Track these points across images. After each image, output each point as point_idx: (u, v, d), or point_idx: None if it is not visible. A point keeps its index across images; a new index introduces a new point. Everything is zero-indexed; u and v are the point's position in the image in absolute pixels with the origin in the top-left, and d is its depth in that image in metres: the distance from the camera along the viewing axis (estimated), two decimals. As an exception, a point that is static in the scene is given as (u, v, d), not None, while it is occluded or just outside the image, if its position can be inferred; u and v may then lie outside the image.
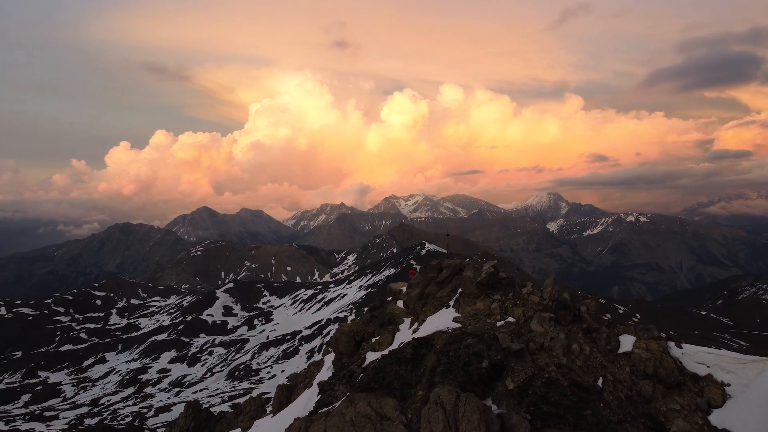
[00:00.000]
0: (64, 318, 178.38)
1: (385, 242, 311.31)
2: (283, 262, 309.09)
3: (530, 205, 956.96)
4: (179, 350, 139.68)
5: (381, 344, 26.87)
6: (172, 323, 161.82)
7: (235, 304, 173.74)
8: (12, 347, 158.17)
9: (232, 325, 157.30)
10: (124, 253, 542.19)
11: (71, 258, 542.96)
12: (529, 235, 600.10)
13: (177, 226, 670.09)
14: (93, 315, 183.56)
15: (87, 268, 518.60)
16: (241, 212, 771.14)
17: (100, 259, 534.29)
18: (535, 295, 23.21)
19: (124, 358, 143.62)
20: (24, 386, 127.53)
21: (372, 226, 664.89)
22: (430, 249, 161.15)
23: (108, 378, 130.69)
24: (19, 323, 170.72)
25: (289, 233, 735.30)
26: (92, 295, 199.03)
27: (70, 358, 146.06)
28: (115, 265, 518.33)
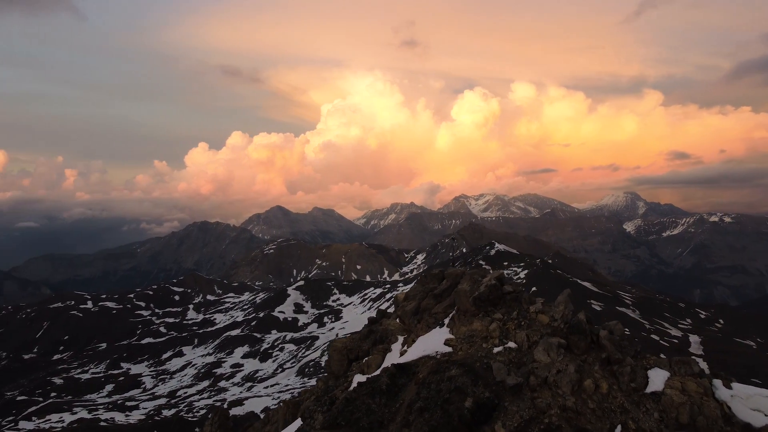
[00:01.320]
0: (145, 312, 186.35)
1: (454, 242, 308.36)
2: (353, 260, 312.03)
3: (606, 205, 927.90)
4: (252, 346, 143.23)
5: (369, 366, 23.56)
6: (245, 319, 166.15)
7: (306, 302, 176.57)
8: (98, 339, 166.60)
9: (302, 322, 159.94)
10: (202, 250, 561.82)
11: (153, 255, 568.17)
12: (605, 236, 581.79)
13: (252, 225, 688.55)
14: (171, 310, 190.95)
15: (167, 265, 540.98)
16: (313, 211, 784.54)
17: (180, 256, 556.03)
18: (545, 314, 19.79)
19: (200, 352, 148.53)
20: (108, 377, 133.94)
21: (441, 226, 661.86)
22: (500, 249, 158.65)
23: (185, 371, 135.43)
24: (104, 316, 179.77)
25: (359, 232, 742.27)
26: (171, 291, 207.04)
27: (150, 350, 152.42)
28: (194, 261, 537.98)
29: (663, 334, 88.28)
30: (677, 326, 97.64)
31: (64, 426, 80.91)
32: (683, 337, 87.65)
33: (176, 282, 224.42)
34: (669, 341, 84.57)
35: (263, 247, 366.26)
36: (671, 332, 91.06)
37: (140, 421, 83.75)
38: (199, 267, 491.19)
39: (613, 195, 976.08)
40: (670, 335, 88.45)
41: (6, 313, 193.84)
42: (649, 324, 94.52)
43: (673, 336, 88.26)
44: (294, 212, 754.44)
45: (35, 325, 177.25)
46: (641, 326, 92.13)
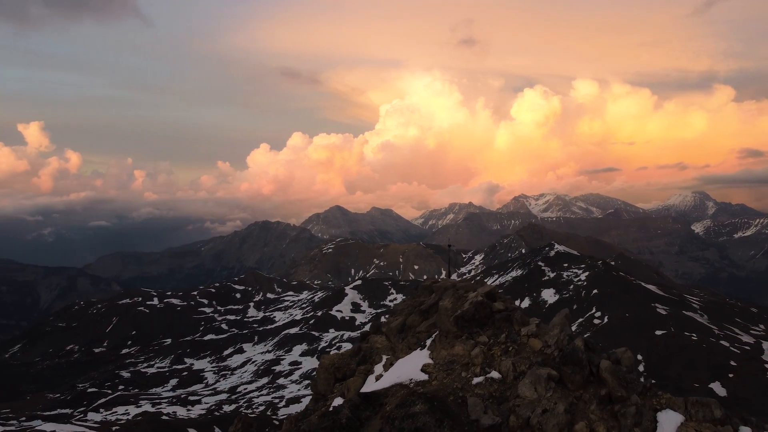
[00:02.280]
0: (208, 309, 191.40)
1: (513, 242, 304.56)
2: (411, 260, 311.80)
3: (672, 205, 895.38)
4: (310, 344, 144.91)
5: (349, 389, 21.30)
6: (304, 317, 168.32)
7: (363, 301, 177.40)
8: (163, 335, 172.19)
9: (359, 321, 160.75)
10: (263, 249, 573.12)
11: (216, 253, 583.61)
12: (671, 237, 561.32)
13: (311, 224, 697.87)
14: (233, 307, 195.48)
15: (230, 263, 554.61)
16: (371, 211, 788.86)
17: (242, 254, 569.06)
18: (538, 339, 17.17)
19: (260, 349, 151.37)
20: (172, 371, 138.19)
21: (500, 226, 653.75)
22: (560, 250, 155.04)
23: (245, 368, 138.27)
24: (169, 313, 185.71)
25: (417, 232, 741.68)
26: (232, 289, 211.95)
27: (212, 347, 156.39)
28: (255, 260, 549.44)
29: (733, 341, 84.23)
30: (749, 332, 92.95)
31: (128, 418, 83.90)
32: (755, 344, 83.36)
33: (237, 280, 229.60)
34: (740, 348, 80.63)
35: (322, 247, 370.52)
36: (742, 338, 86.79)
37: (201, 415, 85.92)
38: (261, 265, 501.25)
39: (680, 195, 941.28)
40: (741, 341, 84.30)
41: (78, 308, 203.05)
42: (719, 329, 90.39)
43: (745, 342, 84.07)
44: (352, 212, 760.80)
45: (105, 320, 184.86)
46: (710, 331, 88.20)
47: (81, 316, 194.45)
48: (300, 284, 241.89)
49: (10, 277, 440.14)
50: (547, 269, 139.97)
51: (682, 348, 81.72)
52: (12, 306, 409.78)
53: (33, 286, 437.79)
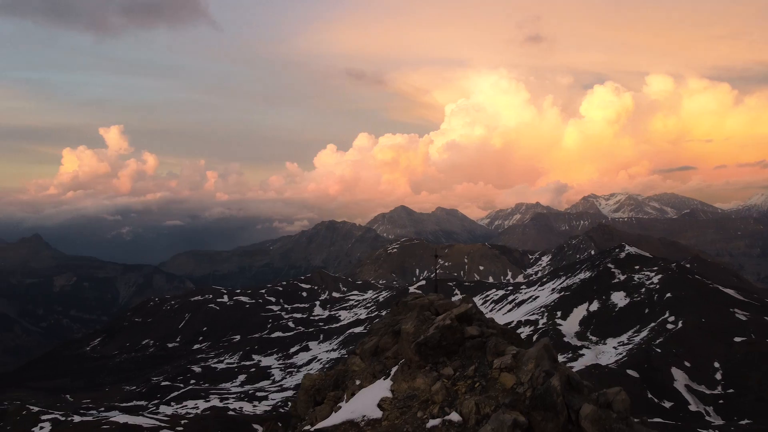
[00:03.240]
0: (275, 307, 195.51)
1: (582, 243, 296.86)
2: (476, 261, 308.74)
3: (754, 205, 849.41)
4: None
5: (316, 419, 19.45)
6: (368, 317, 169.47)
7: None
8: (232, 331, 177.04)
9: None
10: (329, 248, 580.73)
11: (284, 252, 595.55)
12: (752, 239, 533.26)
13: (377, 224, 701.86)
14: (299, 306, 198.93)
15: (297, 262, 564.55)
16: (436, 211, 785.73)
17: (309, 253, 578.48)
18: (512, 374, 14.69)
19: (325, 347, 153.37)
20: (240, 367, 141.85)
21: (569, 227, 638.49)
22: (631, 252, 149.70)
23: (311, 365, 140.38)
24: (238, 310, 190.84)
25: (482, 232, 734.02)
26: (299, 287, 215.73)
27: (279, 344, 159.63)
28: (321, 259, 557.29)
29: (820, 350, 79.24)
30: None
31: (197, 412, 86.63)
32: None
33: (304, 279, 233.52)
34: (828, 358, 75.77)
35: (387, 246, 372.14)
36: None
37: (266, 411, 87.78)
38: (327, 264, 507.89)
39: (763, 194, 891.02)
40: (829, 351, 79.18)
41: (153, 304, 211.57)
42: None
43: (833, 352, 78.93)
44: (418, 212, 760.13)
45: (178, 317, 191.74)
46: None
47: (156, 312, 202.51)
48: (365, 283, 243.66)
49: (92, 274, 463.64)
50: (617, 271, 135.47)
51: (763, 356, 77.55)
52: (93, 301, 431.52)
53: (112, 282, 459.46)
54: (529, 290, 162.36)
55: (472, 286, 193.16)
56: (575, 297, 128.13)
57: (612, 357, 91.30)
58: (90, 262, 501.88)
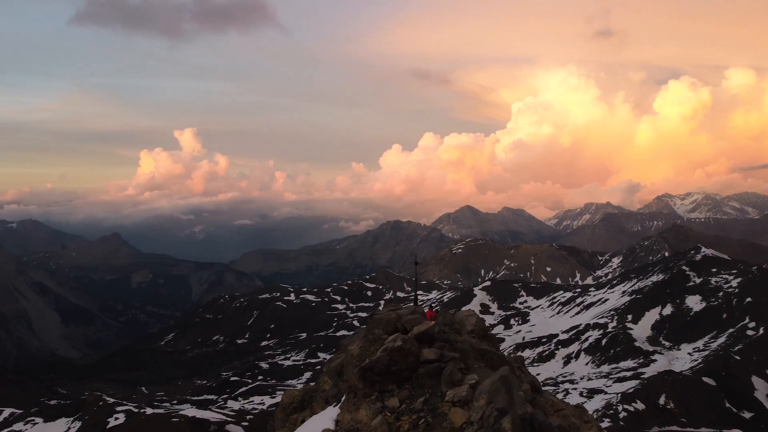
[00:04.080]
0: (341, 306, 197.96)
1: (655, 244, 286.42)
2: (543, 262, 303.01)
3: None
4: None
5: None
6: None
7: (492, 303, 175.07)
8: (299, 329, 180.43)
9: (488, 323, 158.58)
10: (394, 248, 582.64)
11: (350, 252, 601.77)
12: None
13: (442, 224, 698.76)
14: (364, 305, 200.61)
15: (363, 261, 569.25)
16: (502, 211, 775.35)
17: (374, 253, 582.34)
18: (464, 409, 12.92)
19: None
20: (306, 364, 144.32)
21: (641, 227, 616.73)
22: (707, 254, 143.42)
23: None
24: (305, 308, 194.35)
25: (550, 233, 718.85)
26: (364, 287, 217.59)
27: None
28: (387, 259, 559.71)
29: None
30: None
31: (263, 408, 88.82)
32: None
33: (369, 278, 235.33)
34: None
35: (452, 247, 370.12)
36: None
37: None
38: (392, 264, 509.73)
39: None
40: None
41: (224, 301, 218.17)
42: None
43: None
44: (483, 212, 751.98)
45: (247, 314, 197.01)
46: None
47: (226, 309, 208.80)
48: (429, 284, 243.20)
49: (167, 271, 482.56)
50: (693, 274, 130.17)
51: None
52: (168, 297, 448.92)
53: (185, 279, 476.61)
54: (599, 293, 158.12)
55: (538, 287, 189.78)
56: (647, 300, 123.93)
57: (686, 363, 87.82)
58: (165, 259, 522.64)
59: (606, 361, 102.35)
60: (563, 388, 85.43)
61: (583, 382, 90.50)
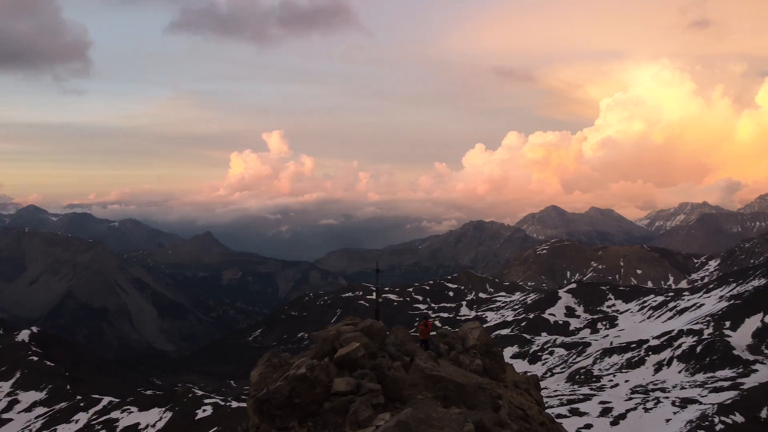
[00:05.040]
0: (422, 306, 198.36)
1: (756, 247, 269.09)
2: (633, 264, 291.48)
3: None
4: (521, 346, 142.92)
5: None
6: (515, 319, 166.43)
7: (578, 306, 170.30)
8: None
9: (573, 326, 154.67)
10: (477, 248, 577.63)
11: (432, 252, 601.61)
12: None
13: (526, 224, 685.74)
14: (446, 305, 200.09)
15: (445, 262, 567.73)
16: (590, 211, 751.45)
17: (456, 253, 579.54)
18: None
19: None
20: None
21: (741, 228, 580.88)
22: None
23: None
24: (386, 308, 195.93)
25: (641, 234, 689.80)
26: (445, 287, 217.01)
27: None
28: (469, 259, 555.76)
29: None
30: None
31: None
32: None
33: (451, 279, 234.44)
34: None
35: (536, 247, 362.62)
36: None
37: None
38: (475, 265, 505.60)
39: None
40: None
41: (308, 299, 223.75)
42: None
43: None
44: (569, 212, 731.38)
45: (330, 311, 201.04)
46: None
47: (310, 306, 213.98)
48: (512, 285, 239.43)
49: (255, 269, 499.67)
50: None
51: None
52: (256, 294, 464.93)
53: (273, 277, 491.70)
54: (693, 297, 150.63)
55: (627, 290, 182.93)
56: (748, 306, 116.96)
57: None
58: (253, 258, 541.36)
59: (701, 370, 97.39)
60: (653, 397, 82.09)
61: (675, 390, 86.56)
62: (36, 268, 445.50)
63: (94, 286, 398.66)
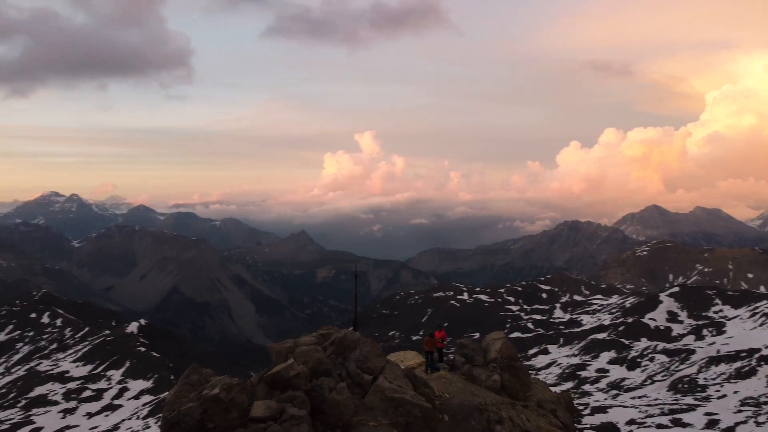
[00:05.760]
0: (514, 307, 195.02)
1: None
2: (743, 267, 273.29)
3: None
4: (618, 352, 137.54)
5: None
6: (612, 323, 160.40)
7: (681, 311, 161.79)
8: (471, 329, 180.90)
9: (676, 332, 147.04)
10: (572, 249, 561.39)
11: (525, 252, 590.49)
12: None
13: (625, 225, 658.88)
14: (538, 307, 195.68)
15: (538, 262, 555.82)
16: (695, 211, 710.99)
17: (550, 254, 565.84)
18: None
19: (565, 352, 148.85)
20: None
21: None
22: None
23: (549, 369, 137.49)
24: (477, 308, 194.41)
25: (752, 235, 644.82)
26: (538, 289, 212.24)
27: (517, 345, 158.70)
28: (564, 260, 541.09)
29: None
30: None
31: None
32: None
33: (544, 280, 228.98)
34: None
35: (636, 249, 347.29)
36: None
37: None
38: (570, 266, 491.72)
39: None
40: None
41: (399, 298, 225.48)
42: None
43: None
44: (672, 212, 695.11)
45: (421, 311, 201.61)
46: None
47: (401, 305, 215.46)
48: (609, 288, 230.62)
49: (348, 268, 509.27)
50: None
51: None
52: (349, 293, 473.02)
53: (365, 276, 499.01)
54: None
55: (736, 295, 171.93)
56: None
57: None
58: (346, 256, 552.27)
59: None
60: (766, 410, 76.94)
61: None
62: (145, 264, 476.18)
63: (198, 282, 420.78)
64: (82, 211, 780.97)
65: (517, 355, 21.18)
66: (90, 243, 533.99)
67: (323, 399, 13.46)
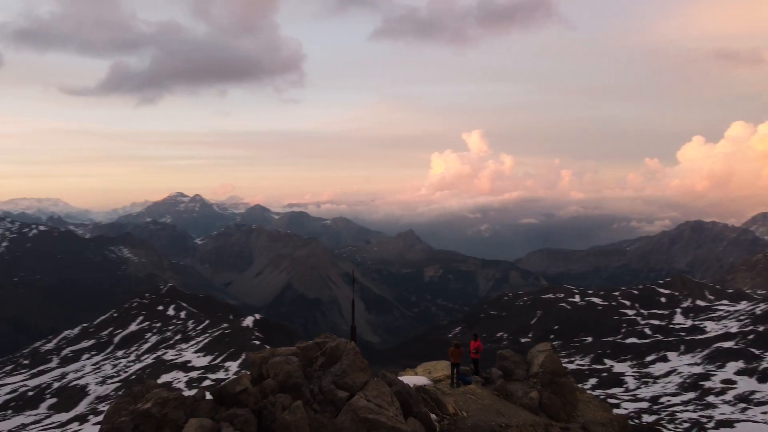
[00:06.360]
0: (630, 311, 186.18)
1: None
2: None
3: None
4: (747, 362, 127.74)
5: None
6: (740, 331, 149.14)
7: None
8: (583, 332, 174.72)
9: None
10: (695, 251, 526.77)
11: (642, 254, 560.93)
12: None
13: (756, 225, 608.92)
14: (657, 312, 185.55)
15: (657, 265, 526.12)
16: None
17: (670, 256, 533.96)
18: None
19: (686, 360, 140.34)
20: (591, 370, 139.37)
21: None
22: None
23: (669, 378, 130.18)
24: (590, 311, 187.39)
25: None
26: (657, 292, 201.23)
27: (633, 350, 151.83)
28: (686, 263, 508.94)
29: None
30: None
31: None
32: None
33: (663, 283, 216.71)
34: None
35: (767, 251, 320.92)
36: None
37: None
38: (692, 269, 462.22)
39: None
40: None
41: (507, 299, 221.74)
42: None
43: None
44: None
45: (530, 313, 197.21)
46: None
47: (510, 306, 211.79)
48: (737, 293, 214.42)
49: (455, 267, 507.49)
50: None
51: None
52: (456, 292, 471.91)
53: (473, 275, 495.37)
54: None
55: None
56: None
57: None
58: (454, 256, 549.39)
59: None
60: None
61: None
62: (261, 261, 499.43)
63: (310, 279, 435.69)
64: (204, 211, 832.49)
65: (564, 370, 19.41)
66: (211, 240, 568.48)
67: (272, 419, 12.57)
